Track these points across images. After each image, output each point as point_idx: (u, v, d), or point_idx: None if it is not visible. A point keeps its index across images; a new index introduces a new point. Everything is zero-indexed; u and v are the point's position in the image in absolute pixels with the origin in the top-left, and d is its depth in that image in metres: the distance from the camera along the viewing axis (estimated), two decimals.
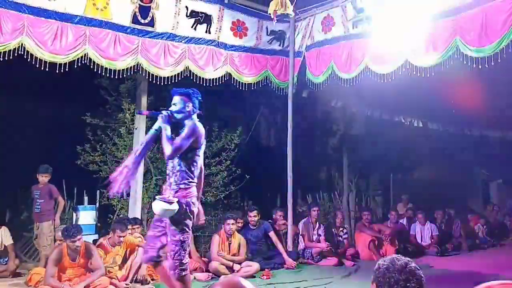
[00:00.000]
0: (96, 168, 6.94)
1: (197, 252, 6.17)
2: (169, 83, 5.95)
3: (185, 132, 3.25)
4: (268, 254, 6.39)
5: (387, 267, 1.49)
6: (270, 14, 5.62)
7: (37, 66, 4.95)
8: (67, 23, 5.05)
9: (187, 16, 5.86)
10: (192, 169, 3.30)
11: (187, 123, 3.32)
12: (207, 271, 5.69)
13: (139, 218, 6.06)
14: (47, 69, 5.02)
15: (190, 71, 5.98)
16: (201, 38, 6.05)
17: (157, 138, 3.41)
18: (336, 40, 6.39)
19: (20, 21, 4.77)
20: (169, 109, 3.36)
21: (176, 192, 3.24)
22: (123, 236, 5.09)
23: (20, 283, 5.21)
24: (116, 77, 5.65)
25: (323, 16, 6.56)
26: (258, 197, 8.27)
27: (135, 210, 6.22)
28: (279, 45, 6.83)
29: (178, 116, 3.35)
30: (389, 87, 5.99)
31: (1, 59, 4.72)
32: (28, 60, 4.90)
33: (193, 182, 3.33)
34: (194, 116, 3.44)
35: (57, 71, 5.10)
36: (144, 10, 5.50)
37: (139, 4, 5.45)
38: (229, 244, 5.96)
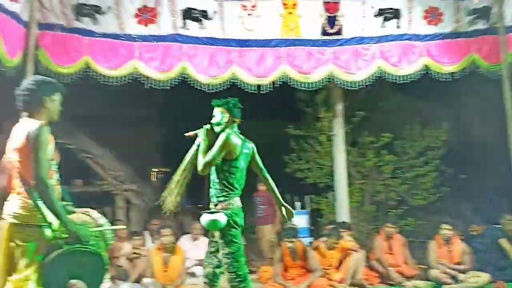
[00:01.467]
0: (302, 175, 7.45)
1: (413, 258, 5.85)
2: (363, 86, 5.92)
3: (216, 145, 3.16)
4: (500, 264, 5.54)
5: None
6: None
7: (246, 90, 5.65)
8: (266, 48, 5.64)
9: (374, 15, 5.73)
10: (231, 181, 3.23)
11: (221, 135, 3.23)
12: (427, 279, 5.34)
13: (347, 222, 6.16)
14: (254, 92, 5.68)
15: (382, 70, 5.80)
16: (391, 35, 5.80)
17: None
18: None
19: (230, 54, 5.58)
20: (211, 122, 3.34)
21: (216, 205, 3.24)
22: (337, 243, 5.27)
23: (253, 279, 5.95)
24: (312, 88, 5.95)
25: None
26: (479, 199, 7.28)
27: (342, 214, 6.36)
28: (484, 24, 5.91)
29: (218, 128, 3.29)
30: None
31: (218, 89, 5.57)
32: (239, 86, 5.64)
33: (234, 193, 3.25)
34: (233, 127, 3.34)
35: (261, 92, 5.71)
36: (332, 21, 5.65)
37: (327, 16, 5.64)
38: (449, 251, 5.46)
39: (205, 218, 3.14)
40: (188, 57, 5.45)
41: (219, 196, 3.23)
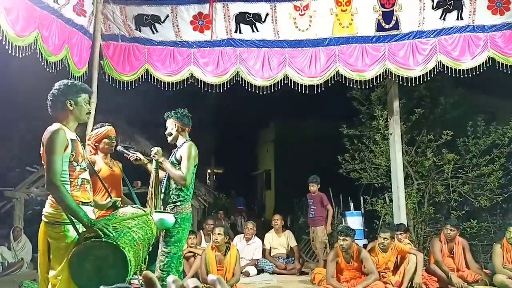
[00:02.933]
0: (357, 175, 7.29)
1: (477, 263, 5.54)
2: (420, 82, 5.69)
3: (186, 156, 3.48)
4: None
5: None
6: None
7: (298, 90, 5.64)
8: (319, 47, 5.59)
9: (433, 8, 5.47)
10: (187, 187, 3.53)
11: (184, 145, 3.58)
12: (492, 284, 5.03)
13: (405, 224, 5.96)
14: (307, 92, 5.66)
15: (443, 65, 5.54)
16: (452, 27, 5.52)
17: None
18: None
19: (282, 56, 5.60)
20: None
21: (172, 209, 3.51)
22: (388, 240, 5.08)
23: (306, 280, 5.96)
24: (366, 86, 5.81)
25: None
26: None
27: (400, 216, 6.15)
28: None
29: (169, 139, 3.66)
30: None
31: (271, 91, 5.62)
32: (290, 85, 5.64)
33: (189, 199, 3.58)
34: (185, 134, 3.70)
35: (314, 92, 5.67)
36: (388, 15, 5.48)
37: (382, 11, 5.48)
38: None
39: (156, 216, 3.26)
40: (242, 60, 5.55)
41: (176, 201, 3.53)
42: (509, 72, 5.57)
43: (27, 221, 6.87)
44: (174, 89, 5.61)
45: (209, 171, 18.35)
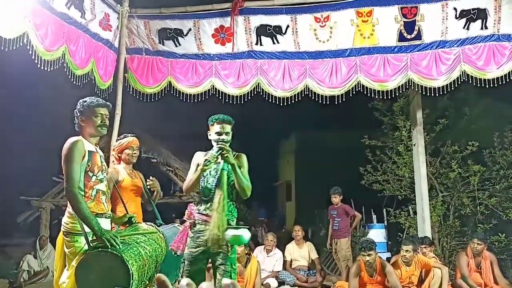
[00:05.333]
0: (380, 187, 7.19)
1: (505, 278, 5.34)
2: (444, 93, 5.59)
3: (246, 167, 3.24)
4: None
5: None
6: None
7: (319, 101, 5.62)
8: (340, 58, 5.58)
9: (456, 18, 5.40)
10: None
11: (241, 155, 3.26)
12: None
13: (429, 237, 5.81)
14: (328, 103, 5.64)
15: (467, 75, 5.44)
16: (476, 37, 5.42)
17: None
18: None
19: (303, 67, 5.62)
20: (221, 138, 3.18)
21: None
22: (410, 253, 4.96)
23: None
24: (389, 97, 5.75)
25: None
26: None
27: (424, 229, 6.01)
28: None
29: (227, 145, 3.18)
30: None
31: (292, 102, 5.63)
32: (311, 96, 5.64)
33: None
34: None
35: (335, 103, 5.65)
36: (409, 26, 5.44)
37: (403, 21, 5.44)
38: None
39: (229, 233, 2.97)
40: (262, 72, 5.60)
41: (234, 214, 3.19)
42: None
43: (53, 230, 7.04)
44: (195, 100, 5.69)
45: None
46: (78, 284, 2.45)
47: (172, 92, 5.69)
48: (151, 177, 3.77)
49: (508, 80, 5.35)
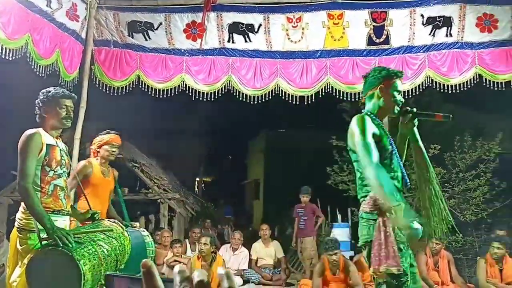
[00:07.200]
0: (345, 187, 7.33)
1: (461, 277, 5.58)
2: (409, 97, 5.76)
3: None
4: None
5: None
6: None
7: (289, 101, 5.67)
8: (310, 59, 5.64)
9: (423, 24, 5.58)
10: None
11: None
12: None
13: None
14: (297, 103, 5.69)
15: (431, 80, 5.63)
16: (441, 44, 5.63)
17: None
18: None
19: (274, 66, 5.64)
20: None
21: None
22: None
23: None
24: (357, 99, 5.86)
25: None
26: None
27: None
28: None
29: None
30: None
31: (262, 100, 5.65)
32: (281, 96, 5.68)
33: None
34: None
35: (305, 103, 5.71)
36: (378, 30, 5.57)
37: (373, 26, 5.57)
38: (500, 270, 5.15)
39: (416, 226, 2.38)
40: (233, 69, 5.58)
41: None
42: (495, 88, 5.69)
43: (10, 226, 6.74)
44: (165, 96, 5.60)
45: (197, 179, 18.27)
46: (28, 283, 2.35)
47: (140, 86, 5.57)
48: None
49: (470, 86, 5.60)
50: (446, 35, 5.60)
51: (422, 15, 5.55)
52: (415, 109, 2.63)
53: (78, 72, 5.30)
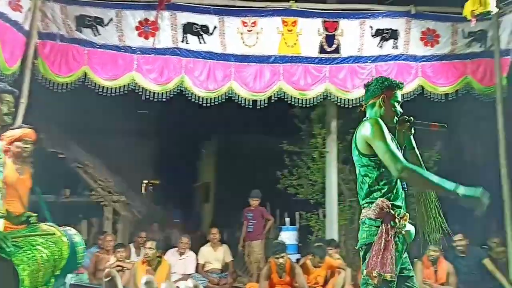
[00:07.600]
0: (294, 191, 7.45)
1: None
2: (357, 104, 5.98)
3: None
4: (484, 286, 5.56)
5: None
6: (466, 16, 5.06)
7: (242, 104, 5.69)
8: (264, 64, 5.70)
9: (372, 35, 5.83)
10: None
11: None
12: None
13: (336, 240, 6.16)
14: (250, 107, 5.72)
15: None
16: (388, 55, 5.91)
17: None
18: None
19: (228, 69, 5.63)
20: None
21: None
22: (322, 261, 5.24)
23: None
24: (307, 105, 6.00)
25: None
26: (466, 220, 7.34)
27: (331, 232, 6.37)
28: (480, 47, 6.06)
29: None
30: None
31: (215, 103, 5.61)
32: (234, 99, 5.68)
33: None
34: None
35: (257, 107, 5.75)
36: (330, 39, 5.74)
37: (325, 35, 5.73)
38: (435, 271, 5.46)
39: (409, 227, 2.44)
40: (187, 70, 5.50)
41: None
42: (435, 100, 6.06)
43: None
44: (113, 94, 5.40)
45: (145, 181, 17.78)
46: None
47: (87, 83, 5.33)
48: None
49: (412, 96, 5.92)
50: (393, 47, 5.89)
51: (371, 27, 5.80)
52: (412, 118, 2.73)
53: (19, 66, 4.97)
